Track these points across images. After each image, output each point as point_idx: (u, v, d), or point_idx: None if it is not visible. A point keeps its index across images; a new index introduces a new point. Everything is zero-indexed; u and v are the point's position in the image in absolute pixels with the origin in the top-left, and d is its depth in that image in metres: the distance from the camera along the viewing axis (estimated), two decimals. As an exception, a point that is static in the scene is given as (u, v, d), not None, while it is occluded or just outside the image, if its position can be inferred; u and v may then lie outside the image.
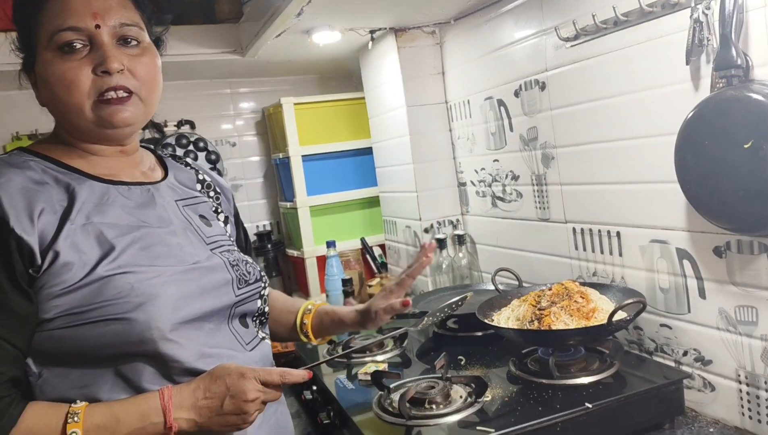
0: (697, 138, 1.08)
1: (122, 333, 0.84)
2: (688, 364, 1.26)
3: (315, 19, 1.71)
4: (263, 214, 2.73)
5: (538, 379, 1.24)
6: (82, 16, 0.88)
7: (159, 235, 0.93)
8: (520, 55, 1.62)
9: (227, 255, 1.01)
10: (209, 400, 0.87)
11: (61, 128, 0.96)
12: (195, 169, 1.13)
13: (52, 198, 0.87)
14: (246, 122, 2.70)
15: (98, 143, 0.95)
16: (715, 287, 1.18)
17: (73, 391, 0.86)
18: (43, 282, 0.83)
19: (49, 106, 0.94)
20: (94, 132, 0.93)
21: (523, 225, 1.74)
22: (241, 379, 0.88)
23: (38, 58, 0.90)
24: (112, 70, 0.88)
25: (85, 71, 0.88)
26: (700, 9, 1.09)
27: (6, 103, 2.23)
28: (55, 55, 0.88)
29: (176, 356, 0.88)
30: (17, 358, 0.84)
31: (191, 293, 0.91)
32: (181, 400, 0.86)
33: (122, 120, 0.91)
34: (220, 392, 0.87)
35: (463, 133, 1.98)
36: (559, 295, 1.29)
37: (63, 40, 0.88)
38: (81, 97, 0.88)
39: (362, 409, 1.24)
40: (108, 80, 0.88)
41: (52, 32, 0.88)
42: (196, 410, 0.86)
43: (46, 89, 0.90)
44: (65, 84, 0.88)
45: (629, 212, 1.35)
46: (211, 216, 1.07)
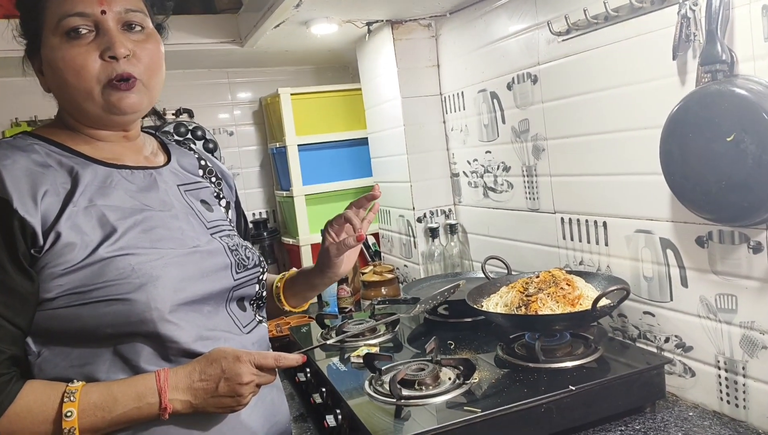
0: (681, 131, 1.11)
1: (123, 313, 0.86)
2: (669, 350, 1.30)
3: (313, 10, 1.74)
4: (259, 202, 2.76)
5: (524, 363, 1.28)
6: (89, 2, 0.90)
7: (161, 219, 0.95)
8: (514, 48, 1.65)
9: (227, 240, 1.03)
10: (204, 383, 0.89)
11: (65, 113, 0.97)
12: (198, 155, 1.14)
13: (56, 180, 0.89)
14: (243, 112, 2.72)
15: (103, 128, 0.97)
16: (696, 276, 1.22)
17: (72, 370, 0.88)
18: (45, 262, 0.85)
19: (55, 91, 0.95)
20: (100, 117, 0.94)
21: (513, 215, 1.78)
22: (237, 363, 0.90)
23: (44, 43, 0.91)
24: (119, 55, 0.90)
25: (93, 56, 0.90)
26: (688, 5, 1.12)
27: (5, 90, 2.25)
28: (62, 41, 0.90)
29: (175, 337, 0.90)
30: (17, 337, 0.85)
31: (191, 276, 0.93)
32: (177, 381, 0.88)
33: (129, 105, 0.93)
34: (216, 375, 0.89)
35: (456, 124, 2.01)
36: (546, 283, 1.33)
37: (70, 25, 0.89)
38: (90, 82, 0.90)
39: (354, 391, 1.28)
40: (116, 66, 0.90)
41: (59, 17, 0.89)
42: (191, 392, 0.89)
43: (53, 74, 0.91)
44: (74, 69, 0.89)
45: (616, 203, 1.38)
46: (213, 201, 1.09)
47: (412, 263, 2.14)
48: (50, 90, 0.96)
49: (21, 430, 0.83)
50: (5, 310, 0.83)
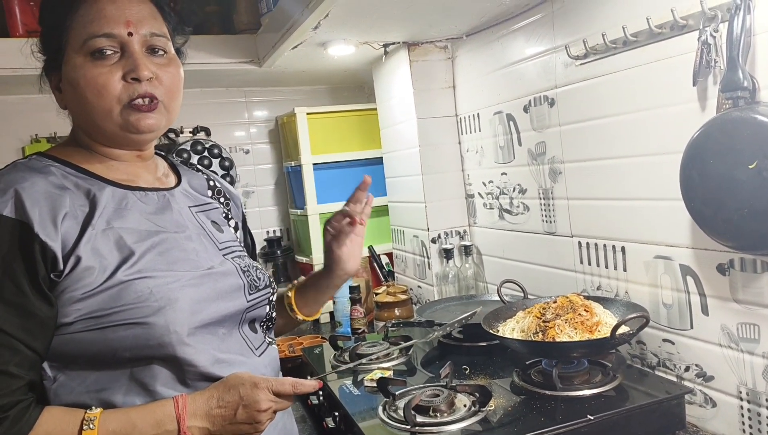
0: (702, 157, 1.10)
1: (141, 336, 0.86)
2: (689, 379, 1.28)
3: (331, 32, 1.75)
4: (274, 220, 2.77)
5: (541, 390, 1.26)
6: (116, 23, 0.91)
7: (176, 241, 0.95)
8: (531, 71, 1.65)
9: (239, 260, 1.03)
10: (222, 409, 0.89)
11: (80, 132, 0.97)
12: (206, 176, 1.15)
13: (74, 203, 0.89)
14: (259, 130, 2.74)
15: (118, 148, 0.97)
16: (717, 304, 1.20)
17: (88, 396, 0.87)
18: (64, 286, 0.85)
19: (73, 109, 0.95)
20: (117, 136, 0.95)
21: (529, 237, 1.76)
22: (255, 389, 0.90)
23: (67, 61, 0.91)
24: (143, 77, 0.91)
25: (116, 77, 0.90)
26: (708, 31, 1.12)
27: (26, 106, 2.29)
28: (87, 60, 0.90)
29: (193, 360, 0.89)
30: (35, 362, 0.85)
31: (207, 297, 0.93)
32: (195, 408, 0.88)
33: (147, 126, 0.93)
34: (234, 401, 0.89)
35: (472, 145, 2.01)
36: (563, 308, 1.31)
37: (96, 46, 0.90)
38: (111, 102, 0.90)
39: (367, 415, 1.26)
40: (138, 87, 0.91)
41: (85, 37, 0.90)
42: (209, 419, 0.88)
43: (74, 92, 0.92)
44: (96, 88, 0.90)
45: (634, 228, 1.37)
46: (222, 222, 1.09)
47: (426, 284, 2.13)
48: (66, 107, 0.97)
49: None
50: (24, 335, 0.83)
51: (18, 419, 0.80)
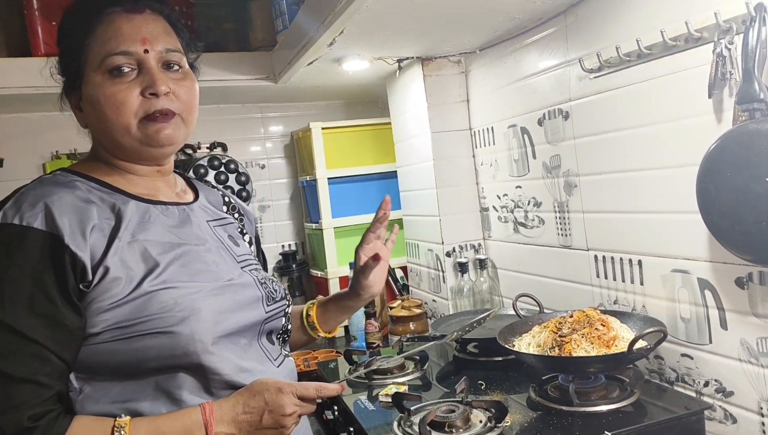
0: (719, 170, 1.09)
1: (167, 346, 0.87)
2: (709, 395, 1.26)
3: (346, 48, 1.77)
4: (289, 234, 2.78)
5: (557, 406, 1.25)
6: (133, 41, 0.93)
7: (197, 253, 0.98)
8: (544, 84, 1.65)
9: (256, 273, 1.06)
10: (249, 415, 0.90)
11: (101, 148, 1.00)
12: (221, 192, 1.18)
13: (101, 216, 0.91)
14: (275, 145, 2.77)
15: (138, 162, 1.00)
16: (736, 318, 1.18)
17: (114, 406, 0.88)
18: (92, 296, 0.87)
19: (93, 126, 0.98)
20: (138, 150, 0.97)
21: (544, 251, 1.75)
22: (279, 394, 0.91)
23: (86, 79, 0.94)
24: (160, 92, 0.93)
25: (134, 93, 0.93)
26: (723, 43, 1.11)
27: (47, 124, 2.34)
28: (105, 78, 0.93)
29: (217, 369, 0.91)
30: (64, 372, 0.87)
31: (229, 308, 0.95)
32: (222, 414, 0.89)
33: (166, 137, 0.96)
34: (259, 407, 0.90)
35: (486, 159, 2.01)
36: (580, 323, 1.30)
37: (114, 63, 0.92)
38: (129, 117, 0.93)
39: (382, 431, 1.26)
40: (155, 102, 0.93)
41: (103, 56, 0.93)
42: (236, 424, 0.90)
43: (94, 109, 0.94)
44: (115, 104, 0.92)
45: (651, 241, 1.36)
46: (238, 236, 1.11)
47: (441, 298, 2.12)
48: (87, 125, 0.99)
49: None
50: (54, 345, 0.84)
51: (48, 428, 0.82)
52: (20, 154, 2.33)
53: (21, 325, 0.82)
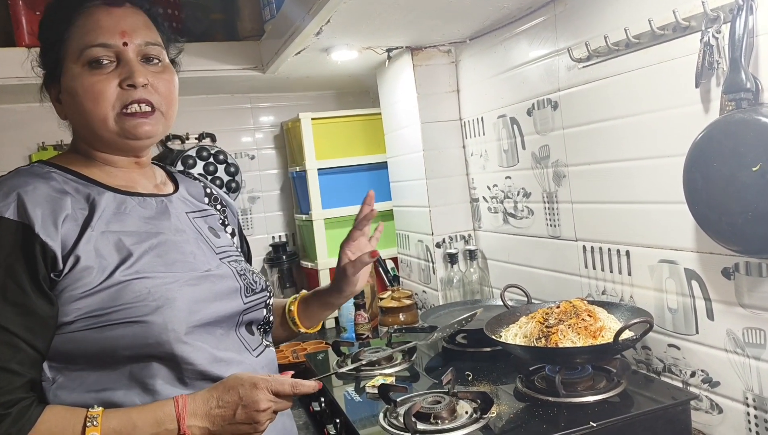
0: (705, 160, 1.09)
1: (140, 335, 0.88)
2: (695, 385, 1.26)
3: (333, 38, 1.75)
4: (279, 225, 2.77)
5: (544, 397, 1.24)
6: (112, 33, 0.94)
7: (174, 243, 0.97)
8: (534, 74, 1.64)
9: (235, 265, 1.06)
10: (222, 409, 0.90)
11: (80, 140, 1.00)
12: (203, 184, 1.18)
13: (74, 206, 0.91)
14: (265, 136, 2.75)
15: (116, 154, 1.00)
16: (723, 309, 1.18)
17: (89, 396, 0.89)
18: (64, 285, 0.87)
19: (72, 117, 0.98)
20: (115, 142, 0.97)
21: (533, 242, 1.75)
22: (254, 390, 0.90)
23: (65, 71, 0.95)
24: (138, 84, 0.94)
25: (112, 84, 0.93)
26: (711, 33, 1.10)
27: (33, 115, 2.31)
28: (84, 70, 0.93)
29: (190, 359, 0.91)
30: (36, 360, 0.87)
31: (205, 298, 0.95)
32: (195, 408, 0.89)
33: (145, 132, 0.96)
34: (233, 402, 0.90)
35: (476, 149, 2.00)
36: (566, 313, 1.30)
37: (92, 55, 0.93)
38: (106, 108, 0.93)
39: (369, 422, 1.26)
40: (132, 93, 0.94)
41: (82, 48, 0.93)
42: (209, 419, 0.90)
43: (72, 101, 0.95)
44: (93, 95, 0.93)
45: (639, 232, 1.35)
46: (219, 227, 1.12)
47: (431, 289, 2.12)
48: (66, 117, 0.99)
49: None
50: (26, 333, 0.84)
51: (20, 417, 0.82)
52: (6, 145, 2.30)
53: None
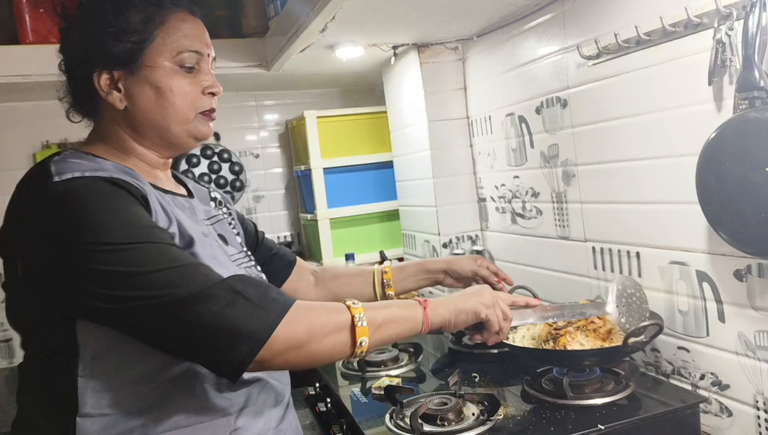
0: (718, 160, 1.07)
1: None
2: (705, 388, 1.24)
3: (339, 35, 1.74)
4: (284, 225, 2.76)
5: (551, 399, 1.23)
6: (201, 42, 1.00)
7: (208, 244, 0.98)
8: (542, 72, 1.62)
9: (249, 271, 1.07)
10: (455, 298, 1.07)
11: (122, 132, 0.99)
12: (206, 188, 1.18)
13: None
14: (270, 134, 2.74)
15: (163, 152, 1.03)
16: (734, 311, 1.16)
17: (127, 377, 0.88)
18: None
19: (141, 109, 0.97)
20: (179, 139, 1.01)
21: (542, 242, 1.73)
22: (485, 287, 1.13)
23: (152, 65, 0.96)
24: (219, 93, 1.03)
25: (198, 89, 1.00)
26: (723, 30, 1.08)
27: (37, 113, 2.31)
28: (177, 69, 0.97)
29: None
30: None
31: None
32: (436, 303, 1.03)
33: (208, 133, 1.04)
34: (466, 292, 1.10)
35: (483, 148, 1.98)
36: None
37: (188, 59, 0.98)
38: (192, 110, 0.99)
39: (375, 423, 1.25)
40: (211, 101, 1.02)
41: (179, 49, 0.97)
42: (443, 305, 1.04)
43: (155, 94, 0.96)
44: (183, 96, 0.98)
45: (649, 233, 1.33)
46: (229, 233, 1.11)
47: (438, 289, 2.10)
48: (127, 107, 0.97)
49: (315, 306, 0.91)
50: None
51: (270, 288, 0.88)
52: (10, 143, 2.30)
53: (164, 238, 0.86)
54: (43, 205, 0.84)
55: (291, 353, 0.85)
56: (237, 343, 0.81)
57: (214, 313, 0.80)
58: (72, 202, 0.83)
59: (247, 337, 0.81)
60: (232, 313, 0.81)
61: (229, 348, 0.81)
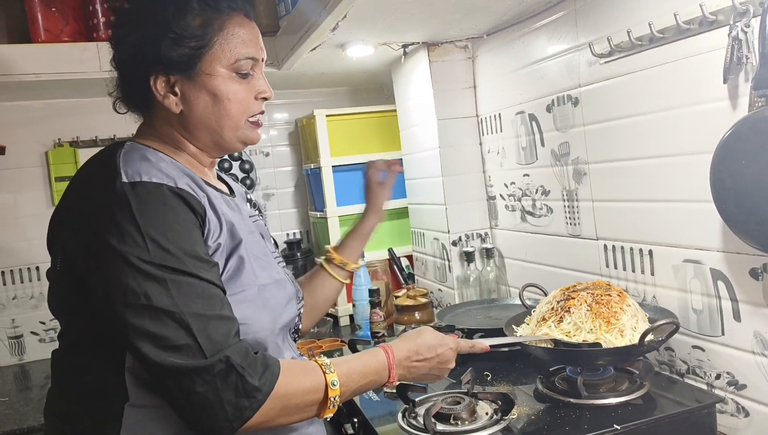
0: (734, 158, 1.06)
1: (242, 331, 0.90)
2: (720, 387, 1.23)
3: (349, 33, 1.74)
4: (293, 222, 2.76)
5: (565, 398, 1.23)
6: (256, 48, 1.00)
7: (255, 242, 1.01)
8: (553, 70, 1.62)
9: (286, 269, 1.10)
10: (420, 363, 1.05)
11: (177, 133, 1.00)
12: (243, 188, 1.20)
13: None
14: (280, 133, 2.74)
15: (212, 153, 1.04)
16: (750, 310, 1.15)
17: None
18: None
19: (195, 112, 0.98)
20: (230, 143, 1.02)
21: (552, 240, 1.72)
22: (450, 351, 1.08)
23: (210, 72, 0.96)
24: (271, 97, 1.03)
25: (252, 94, 1.01)
26: (739, 27, 1.07)
27: (49, 111, 2.31)
28: (233, 76, 0.98)
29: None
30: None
31: (281, 302, 1.00)
32: (399, 359, 1.02)
33: (257, 139, 1.05)
34: (431, 358, 1.06)
35: (493, 146, 1.97)
36: (598, 286, 1.30)
37: (244, 66, 0.98)
38: (245, 116, 1.00)
39: (387, 422, 1.25)
40: (262, 106, 1.03)
41: (237, 57, 0.97)
42: (408, 369, 1.04)
43: (211, 100, 0.97)
44: (237, 101, 0.98)
45: (662, 231, 1.33)
46: (266, 233, 1.13)
47: (447, 288, 2.10)
48: (182, 111, 0.98)
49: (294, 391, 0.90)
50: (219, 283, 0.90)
51: (266, 359, 0.88)
52: (22, 142, 2.30)
53: (200, 270, 0.86)
54: (107, 201, 0.85)
55: (262, 425, 0.88)
56: (220, 418, 0.84)
57: (207, 384, 0.83)
58: (133, 206, 0.84)
59: (232, 414, 0.84)
60: (223, 388, 0.83)
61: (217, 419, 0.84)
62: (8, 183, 2.29)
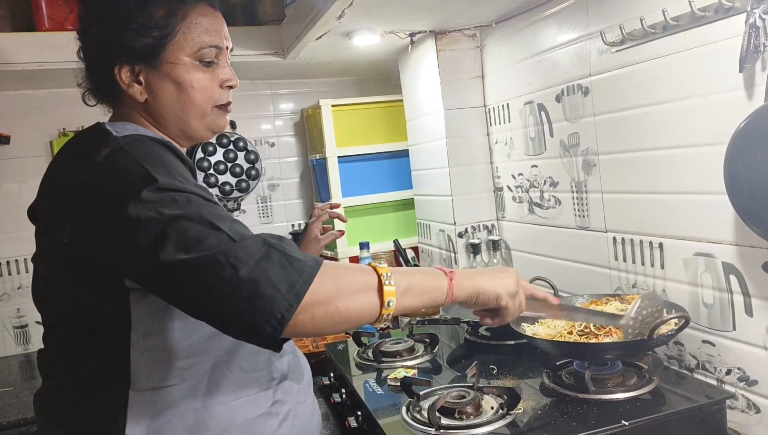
0: (749, 149, 1.03)
1: None
2: (731, 383, 1.21)
3: (356, 21, 1.71)
4: (299, 213, 2.75)
5: (572, 393, 1.21)
6: (220, 37, 1.02)
7: None
8: (564, 59, 1.59)
9: None
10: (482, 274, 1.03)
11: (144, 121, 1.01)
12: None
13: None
14: (285, 123, 2.72)
15: (180, 141, 1.05)
16: (763, 305, 1.13)
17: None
18: None
19: (162, 101, 0.99)
20: (197, 131, 1.04)
21: (560, 232, 1.70)
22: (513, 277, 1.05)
23: (173, 60, 0.97)
24: (236, 86, 1.05)
25: (216, 83, 1.02)
26: (757, 13, 1.04)
27: (53, 100, 2.30)
28: (196, 64, 0.99)
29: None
30: None
31: None
32: (463, 273, 0.99)
33: (224, 126, 1.07)
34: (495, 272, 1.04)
35: (501, 137, 1.95)
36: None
37: (207, 54, 1.00)
38: (210, 104, 1.02)
39: (391, 416, 1.23)
40: (228, 94, 1.04)
41: (200, 45, 0.99)
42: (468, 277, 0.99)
43: (176, 88, 0.98)
44: (203, 90, 1.00)
45: (673, 223, 1.30)
46: None
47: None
48: (147, 100, 0.99)
49: (342, 270, 0.88)
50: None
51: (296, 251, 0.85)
52: (27, 131, 2.29)
53: (210, 197, 0.87)
54: (105, 154, 0.85)
55: (318, 310, 0.80)
56: (275, 298, 0.77)
57: (251, 266, 0.78)
58: (131, 151, 0.86)
59: (286, 290, 0.78)
60: (269, 267, 0.78)
61: (272, 300, 0.77)
62: (13, 172, 2.28)
